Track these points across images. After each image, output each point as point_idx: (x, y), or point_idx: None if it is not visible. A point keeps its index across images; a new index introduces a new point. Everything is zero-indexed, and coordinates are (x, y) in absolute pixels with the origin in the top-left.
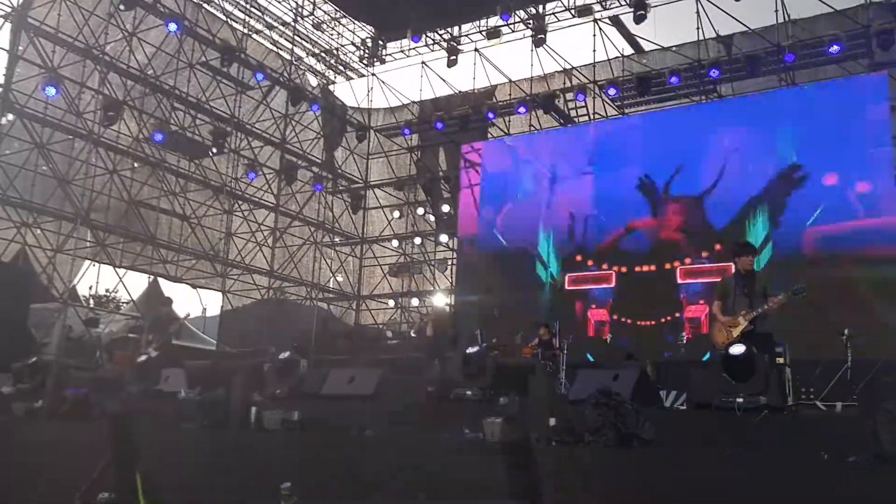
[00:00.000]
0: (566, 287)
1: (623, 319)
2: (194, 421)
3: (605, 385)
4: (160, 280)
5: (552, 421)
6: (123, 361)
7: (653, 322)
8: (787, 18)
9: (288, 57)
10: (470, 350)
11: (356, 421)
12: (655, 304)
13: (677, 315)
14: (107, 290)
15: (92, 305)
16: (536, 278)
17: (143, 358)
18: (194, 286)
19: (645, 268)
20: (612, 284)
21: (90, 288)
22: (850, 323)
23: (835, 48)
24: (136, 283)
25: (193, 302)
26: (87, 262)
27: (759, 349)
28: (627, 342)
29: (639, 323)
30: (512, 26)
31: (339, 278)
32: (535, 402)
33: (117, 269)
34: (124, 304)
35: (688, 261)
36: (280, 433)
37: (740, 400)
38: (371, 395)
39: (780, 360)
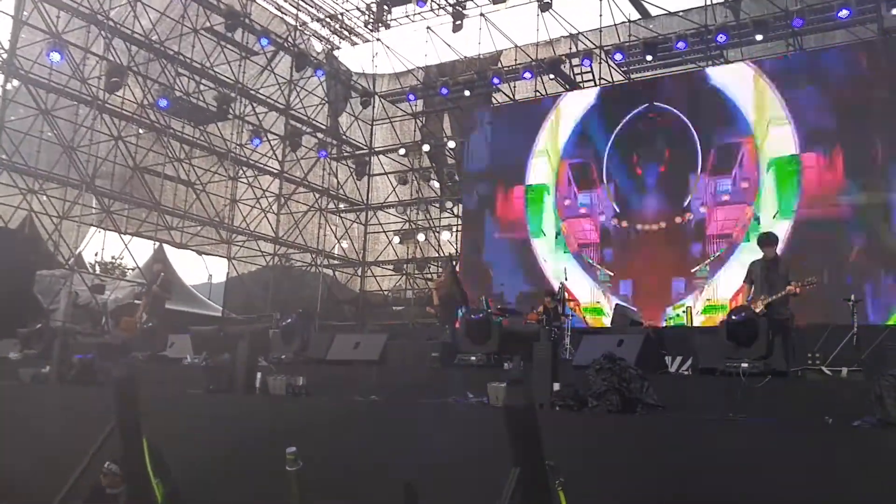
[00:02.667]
0: None
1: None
2: (200, 386)
3: (610, 350)
4: (165, 246)
5: (556, 385)
6: (129, 327)
7: None
8: None
9: (292, 22)
10: (474, 316)
11: (361, 386)
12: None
13: None
14: (112, 257)
15: (98, 272)
16: None
17: (149, 324)
18: (199, 253)
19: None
20: None
21: (96, 254)
22: None
23: (844, 13)
24: (141, 250)
25: (199, 268)
26: (92, 229)
27: (772, 332)
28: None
29: None
30: None
31: (344, 245)
32: (539, 367)
33: (122, 235)
34: (130, 271)
35: None
36: (285, 398)
37: (745, 365)
38: (376, 360)
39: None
